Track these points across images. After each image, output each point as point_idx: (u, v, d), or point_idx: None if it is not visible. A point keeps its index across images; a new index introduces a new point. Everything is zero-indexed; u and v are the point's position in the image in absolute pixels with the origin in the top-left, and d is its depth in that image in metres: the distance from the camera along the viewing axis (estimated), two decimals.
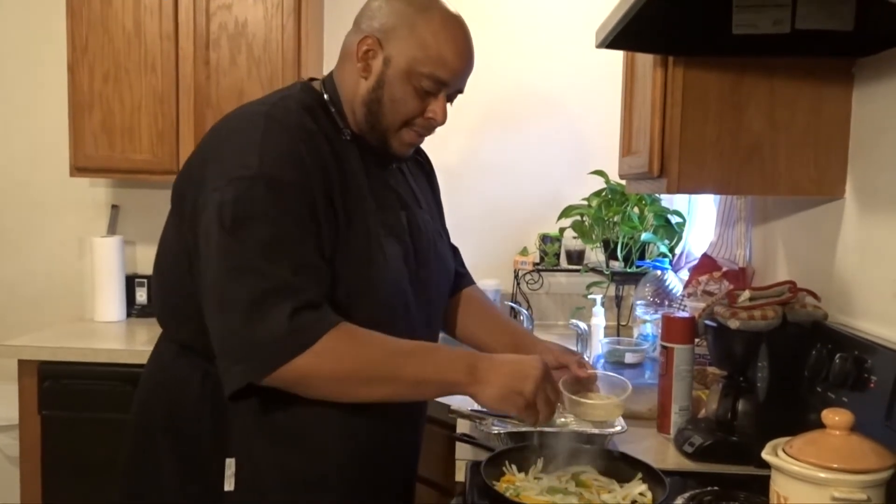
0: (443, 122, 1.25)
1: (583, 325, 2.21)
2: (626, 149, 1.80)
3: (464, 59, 1.23)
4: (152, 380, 1.32)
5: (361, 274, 1.20)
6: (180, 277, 1.22)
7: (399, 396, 1.20)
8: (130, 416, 1.35)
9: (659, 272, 2.27)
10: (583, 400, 1.29)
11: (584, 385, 1.34)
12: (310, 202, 1.14)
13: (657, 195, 2.39)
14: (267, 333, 1.08)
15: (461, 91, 1.28)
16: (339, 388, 1.15)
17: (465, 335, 1.52)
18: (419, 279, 1.31)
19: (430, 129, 1.28)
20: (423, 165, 1.50)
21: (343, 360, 1.12)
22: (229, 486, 1.20)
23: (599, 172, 2.48)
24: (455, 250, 1.58)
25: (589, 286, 2.53)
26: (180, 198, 1.22)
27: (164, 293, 1.31)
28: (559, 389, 1.22)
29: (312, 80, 1.33)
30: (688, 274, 2.14)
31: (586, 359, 2.06)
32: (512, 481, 1.22)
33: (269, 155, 1.13)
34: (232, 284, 1.10)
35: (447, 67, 1.21)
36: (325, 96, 1.27)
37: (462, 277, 1.56)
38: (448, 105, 1.26)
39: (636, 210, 2.44)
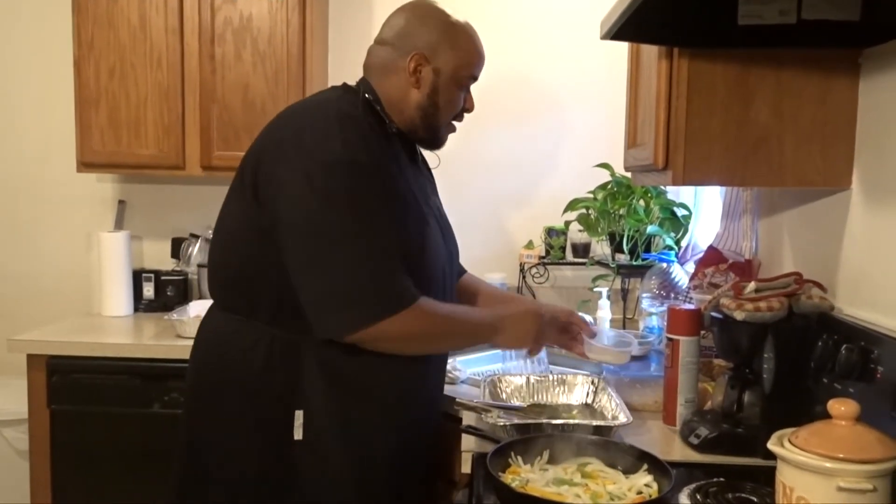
0: (473, 109, 1.56)
1: (589, 317, 2.20)
2: (632, 141, 1.79)
3: (483, 55, 1.54)
4: (211, 352, 1.45)
5: (416, 249, 1.40)
6: (250, 250, 1.37)
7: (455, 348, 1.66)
8: (187, 390, 1.51)
9: (665, 265, 2.27)
10: (597, 345, 1.59)
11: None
12: (384, 181, 1.35)
13: (663, 188, 2.38)
14: (373, 288, 1.28)
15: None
16: (414, 346, 1.39)
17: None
18: (447, 254, 1.53)
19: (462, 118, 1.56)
20: (423, 157, 1.66)
21: (427, 324, 1.36)
22: (298, 435, 1.36)
23: (605, 165, 2.48)
24: None
25: (595, 279, 2.53)
26: (254, 174, 1.36)
27: (229, 266, 1.43)
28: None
29: (345, 84, 1.51)
30: (693, 266, 2.14)
31: None
32: (518, 473, 1.23)
33: (349, 142, 1.33)
34: (333, 247, 1.28)
35: (478, 65, 1.52)
36: (369, 96, 1.45)
37: None
38: None
39: (642, 203, 2.43)
